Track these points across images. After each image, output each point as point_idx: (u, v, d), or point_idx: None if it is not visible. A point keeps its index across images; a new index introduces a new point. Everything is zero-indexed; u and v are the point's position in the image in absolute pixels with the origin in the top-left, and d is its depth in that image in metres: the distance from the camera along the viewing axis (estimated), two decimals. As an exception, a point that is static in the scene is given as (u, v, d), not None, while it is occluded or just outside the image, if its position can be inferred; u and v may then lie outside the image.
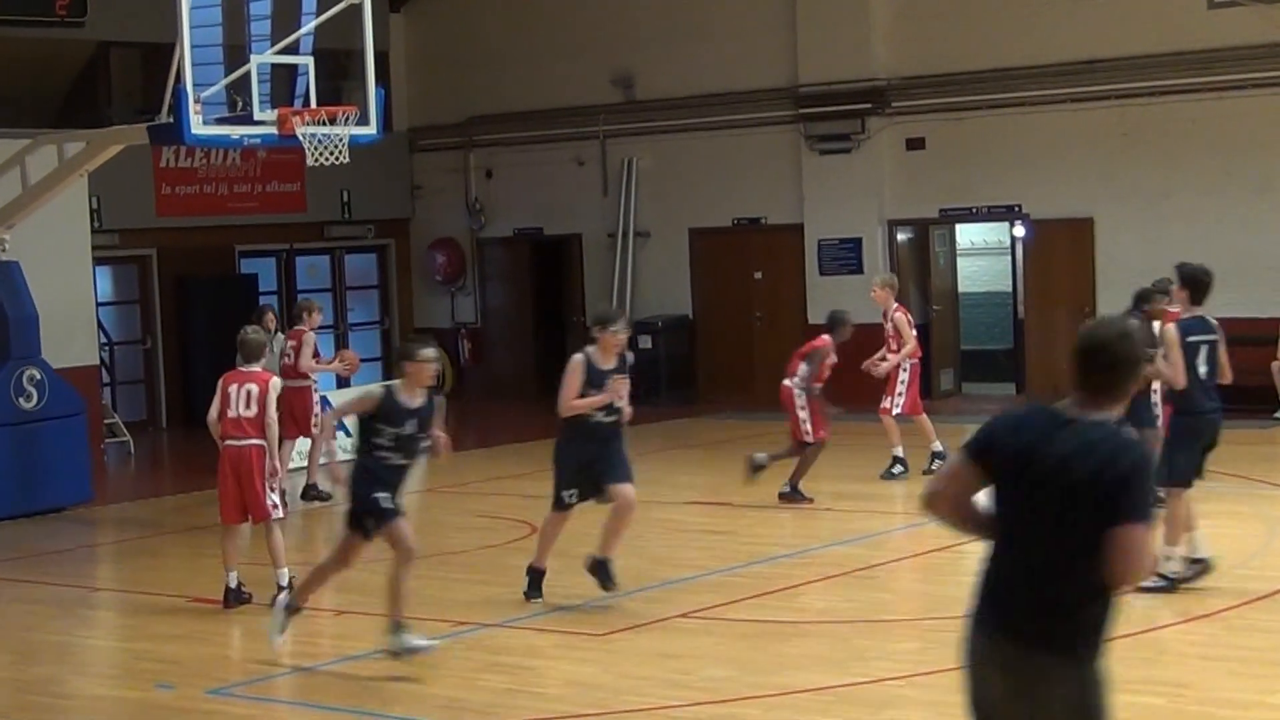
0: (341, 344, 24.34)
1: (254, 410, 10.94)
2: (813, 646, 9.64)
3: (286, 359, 15.30)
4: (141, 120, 14.60)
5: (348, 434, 18.49)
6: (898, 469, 15.66)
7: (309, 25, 14.99)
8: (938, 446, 15.51)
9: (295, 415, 14.98)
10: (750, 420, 20.76)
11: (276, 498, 11.11)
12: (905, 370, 15.93)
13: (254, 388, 10.97)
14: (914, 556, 12.16)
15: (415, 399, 9.51)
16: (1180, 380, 10.24)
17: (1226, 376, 10.53)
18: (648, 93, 23.34)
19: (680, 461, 17.17)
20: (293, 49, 14.90)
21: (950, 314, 22.77)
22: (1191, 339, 10.35)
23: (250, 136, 13.85)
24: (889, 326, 16.05)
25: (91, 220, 19.24)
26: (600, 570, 10.79)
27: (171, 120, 13.28)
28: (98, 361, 19.23)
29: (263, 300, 22.20)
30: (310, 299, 16.56)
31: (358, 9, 13.92)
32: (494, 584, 11.74)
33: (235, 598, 11.15)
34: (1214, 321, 10.59)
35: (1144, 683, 8.53)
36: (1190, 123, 19.71)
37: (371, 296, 25.64)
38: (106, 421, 19.85)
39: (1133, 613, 9.84)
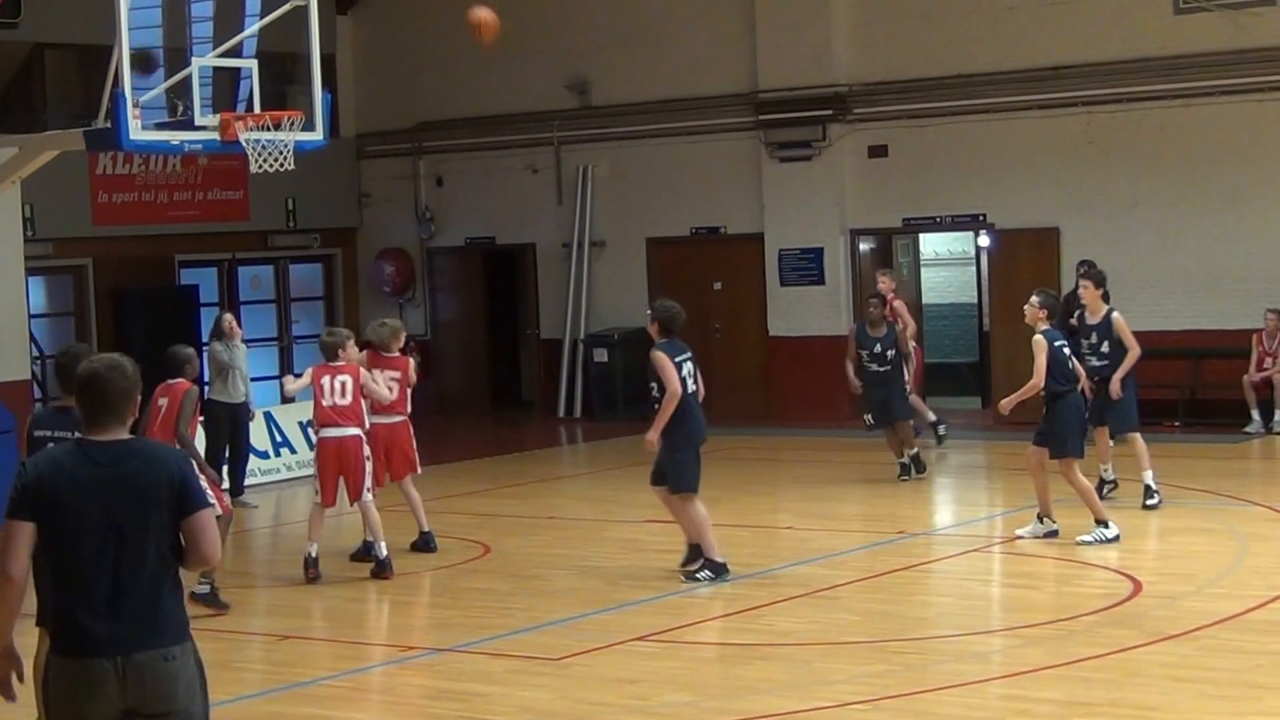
0: (286, 358, 23.95)
1: (349, 399, 12.26)
2: (774, 670, 9.49)
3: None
4: (78, 125, 14.30)
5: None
6: None
7: (253, 27, 14.66)
8: None
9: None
10: (709, 435, 20.44)
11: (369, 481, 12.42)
12: None
13: (347, 379, 12.33)
14: (877, 576, 12.01)
15: None
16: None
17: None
18: (604, 98, 23.12)
19: (638, 479, 16.76)
20: (236, 52, 14.57)
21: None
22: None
23: (191, 142, 13.60)
24: None
25: (24, 229, 18.92)
26: None
27: (109, 125, 12.98)
28: (29, 376, 18.84)
29: (204, 312, 21.78)
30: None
31: (303, 11, 13.68)
32: (446, 607, 11.64)
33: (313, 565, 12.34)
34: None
35: (1113, 705, 8.43)
36: (1158, 130, 19.59)
37: (317, 308, 25.32)
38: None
39: (1103, 634, 9.72)
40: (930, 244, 23.47)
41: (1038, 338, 12.78)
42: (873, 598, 11.35)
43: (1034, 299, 13.13)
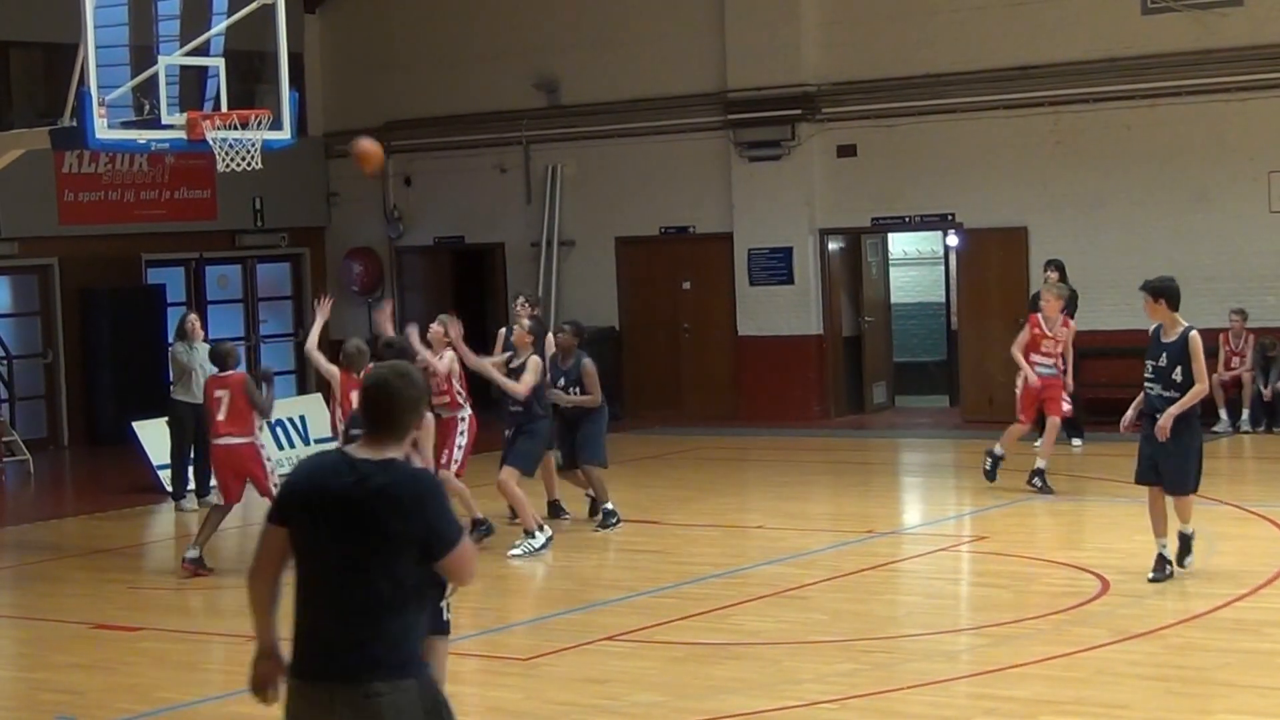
0: (253, 357, 23.83)
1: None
2: (743, 669, 9.46)
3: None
4: (43, 123, 14.24)
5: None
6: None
7: (220, 25, 14.61)
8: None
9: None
10: (678, 435, 20.49)
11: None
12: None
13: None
14: (845, 576, 11.96)
15: None
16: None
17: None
18: (572, 97, 23.06)
19: (606, 478, 16.84)
20: (203, 50, 14.52)
21: (882, 325, 22.62)
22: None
23: (158, 141, 13.56)
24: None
25: (-10, 229, 18.79)
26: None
27: (75, 124, 12.94)
28: (-4, 374, 18.72)
29: (171, 311, 21.65)
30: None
31: (271, 9, 13.64)
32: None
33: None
34: None
35: (1080, 703, 8.43)
36: (1124, 130, 19.65)
37: (285, 308, 25.20)
38: (4, 439, 19.28)
39: (1070, 633, 9.74)
40: (899, 243, 23.49)
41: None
42: (841, 597, 11.32)
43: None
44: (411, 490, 5.10)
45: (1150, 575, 11.08)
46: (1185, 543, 11.20)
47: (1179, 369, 10.81)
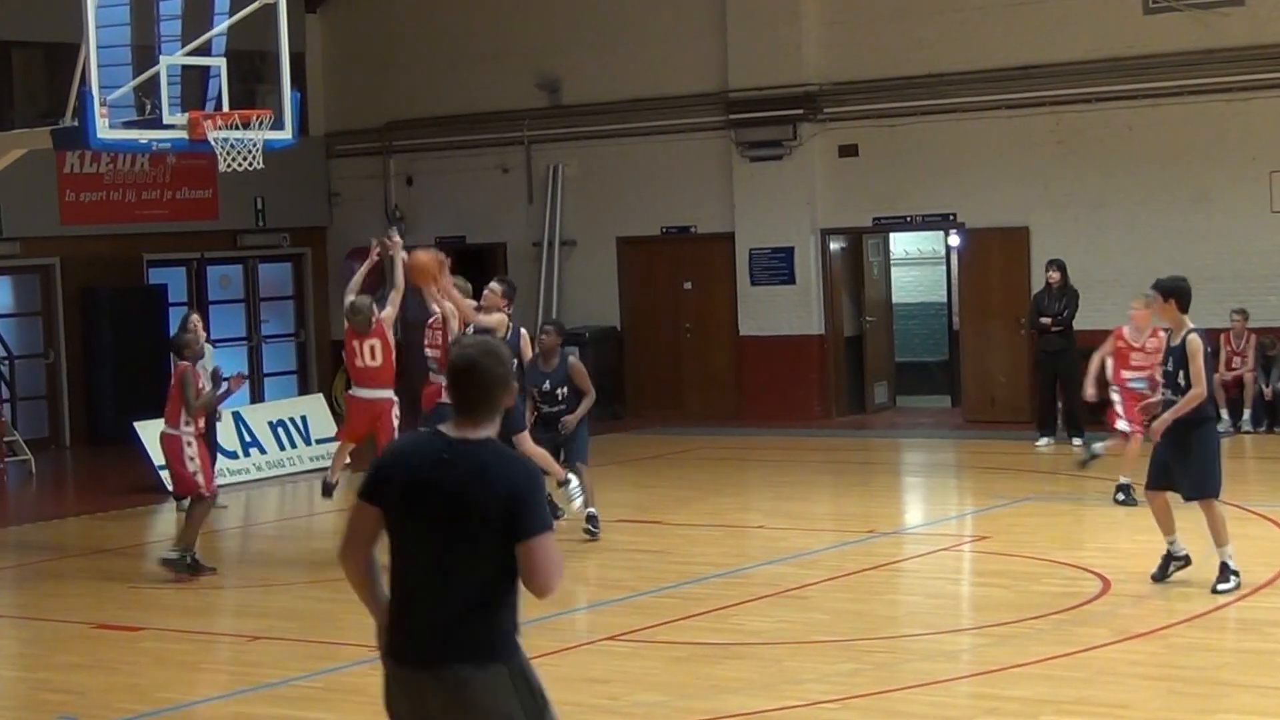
0: (255, 357, 23.83)
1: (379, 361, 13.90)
2: (745, 669, 9.46)
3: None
4: (44, 123, 14.23)
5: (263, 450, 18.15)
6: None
7: (221, 25, 14.58)
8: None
9: None
10: (680, 435, 20.50)
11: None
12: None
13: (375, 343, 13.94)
14: (847, 575, 11.95)
15: None
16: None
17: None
18: (574, 97, 23.06)
19: (608, 478, 16.86)
20: (204, 50, 14.50)
21: (884, 325, 22.62)
22: None
23: (159, 141, 13.56)
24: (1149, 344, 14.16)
25: (-9, 228, 18.79)
26: None
27: (76, 123, 12.93)
28: (-2, 375, 18.70)
29: (173, 311, 21.64)
30: None
31: (272, 9, 13.64)
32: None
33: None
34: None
35: (1081, 703, 8.43)
36: (1126, 130, 19.65)
37: (286, 308, 25.19)
38: (6, 439, 19.28)
39: (1071, 633, 9.73)
40: (900, 243, 23.49)
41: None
42: (843, 597, 11.31)
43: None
44: (504, 471, 5.03)
45: (1154, 573, 11.08)
46: (1224, 571, 10.74)
47: (1182, 373, 10.69)
